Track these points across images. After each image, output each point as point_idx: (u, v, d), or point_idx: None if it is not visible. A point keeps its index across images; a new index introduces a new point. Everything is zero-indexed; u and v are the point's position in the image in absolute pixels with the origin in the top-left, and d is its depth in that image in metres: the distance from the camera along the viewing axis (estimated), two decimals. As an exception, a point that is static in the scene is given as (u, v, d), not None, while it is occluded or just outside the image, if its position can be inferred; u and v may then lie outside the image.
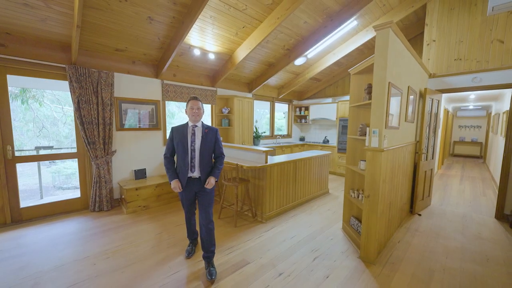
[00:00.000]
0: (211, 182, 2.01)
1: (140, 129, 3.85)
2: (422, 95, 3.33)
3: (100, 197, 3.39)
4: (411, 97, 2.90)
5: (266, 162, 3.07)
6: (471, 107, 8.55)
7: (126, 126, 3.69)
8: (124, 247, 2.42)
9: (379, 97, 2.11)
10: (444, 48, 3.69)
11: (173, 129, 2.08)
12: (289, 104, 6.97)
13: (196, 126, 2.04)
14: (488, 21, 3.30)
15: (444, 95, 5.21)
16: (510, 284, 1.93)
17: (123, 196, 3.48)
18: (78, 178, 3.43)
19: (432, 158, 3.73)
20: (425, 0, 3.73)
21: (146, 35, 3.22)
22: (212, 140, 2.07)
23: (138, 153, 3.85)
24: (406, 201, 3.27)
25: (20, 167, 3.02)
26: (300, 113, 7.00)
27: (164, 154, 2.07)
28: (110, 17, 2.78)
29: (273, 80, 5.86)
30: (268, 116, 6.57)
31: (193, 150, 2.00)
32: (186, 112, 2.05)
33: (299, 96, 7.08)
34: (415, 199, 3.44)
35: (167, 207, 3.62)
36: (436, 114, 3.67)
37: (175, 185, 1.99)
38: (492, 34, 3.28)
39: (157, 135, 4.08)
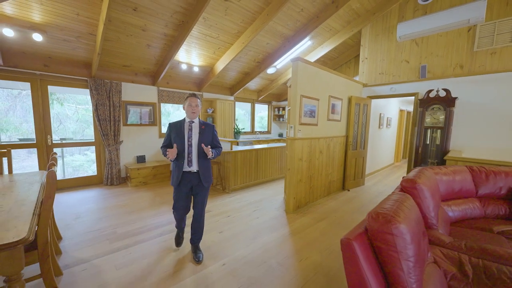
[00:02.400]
0: (208, 148, 2.01)
1: (141, 125, 5.04)
2: (350, 101, 4.46)
3: (111, 174, 4.59)
4: (334, 102, 4.04)
5: (231, 149, 4.24)
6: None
7: (129, 122, 4.88)
8: (130, 203, 3.61)
9: (294, 103, 3.25)
10: (373, 64, 4.81)
11: (170, 125, 2.11)
12: (268, 105, 8.11)
13: (193, 122, 2.09)
14: (399, 46, 4.41)
15: (403, 99, 6.35)
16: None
17: (128, 175, 4.67)
18: (80, 172, 4.62)
19: (363, 149, 4.87)
20: (360, 26, 4.85)
21: (145, 55, 4.39)
22: (209, 136, 2.12)
23: (139, 143, 5.04)
24: (337, 179, 4.42)
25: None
26: (279, 113, 8.15)
27: (161, 147, 2.13)
28: (120, 45, 3.95)
29: (253, 85, 7.00)
30: (260, 114, 7.74)
31: (190, 145, 2.04)
32: (183, 108, 2.10)
33: (278, 98, 8.22)
34: (346, 179, 4.58)
35: (161, 183, 4.81)
36: (366, 115, 4.80)
37: (172, 150, 1.97)
38: (402, 56, 4.39)
39: (154, 130, 5.26)
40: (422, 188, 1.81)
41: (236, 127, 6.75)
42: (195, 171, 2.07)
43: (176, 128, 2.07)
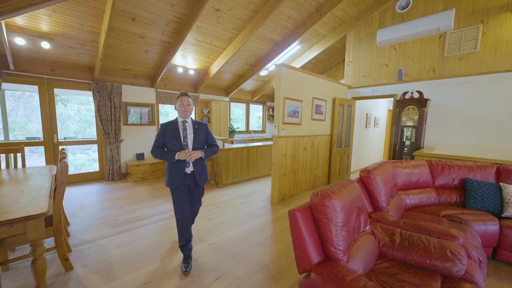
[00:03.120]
0: (195, 153, 1.95)
1: (140, 124, 5.38)
2: (335, 102, 4.78)
3: (112, 171, 4.93)
4: (318, 103, 4.37)
5: (223, 147, 4.58)
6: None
7: (129, 122, 5.22)
8: (130, 196, 3.96)
9: (278, 104, 3.58)
10: (357, 67, 5.14)
11: (163, 125, 2.04)
12: (263, 105, 8.45)
13: (186, 121, 2.05)
14: (380, 50, 4.74)
15: (392, 99, 6.66)
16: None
17: (128, 171, 5.02)
18: (82, 170, 4.97)
19: (348, 147, 5.19)
20: (345, 32, 5.17)
21: (144, 60, 4.72)
22: (203, 135, 2.10)
23: (138, 142, 5.38)
24: (322, 174, 4.75)
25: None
26: (273, 113, 8.48)
27: (152, 150, 1.99)
28: (120, 51, 4.29)
29: (247, 86, 7.33)
30: (258, 114, 8.09)
31: (185, 145, 2.00)
32: (175, 108, 2.04)
33: (272, 98, 8.54)
34: (331, 174, 4.91)
35: (159, 179, 5.15)
36: (350, 115, 5.12)
37: (184, 152, 1.92)
38: (382, 60, 4.72)
39: (152, 129, 5.61)
40: (375, 177, 2.14)
41: (231, 126, 7.08)
42: (191, 171, 2.04)
43: (170, 128, 2.01)
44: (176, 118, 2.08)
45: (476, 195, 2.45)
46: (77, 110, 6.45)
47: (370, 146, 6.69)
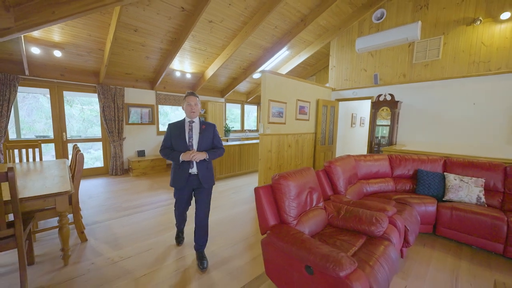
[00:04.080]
0: (199, 154, 1.94)
1: (141, 124, 5.84)
2: (318, 104, 5.24)
3: (115, 166, 5.40)
4: (302, 105, 4.82)
5: (217, 144, 5.04)
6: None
7: (131, 122, 5.68)
8: (132, 188, 4.42)
9: (263, 106, 4.04)
10: (339, 71, 5.60)
11: (170, 125, 2.04)
12: (257, 106, 8.91)
13: (193, 121, 2.03)
14: (359, 57, 5.20)
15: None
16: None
17: (130, 166, 5.48)
18: (85, 166, 5.43)
19: (331, 144, 5.66)
20: (329, 39, 5.63)
21: (144, 65, 5.19)
22: (210, 136, 2.06)
23: (140, 140, 5.85)
24: (306, 170, 5.20)
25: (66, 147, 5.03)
26: (267, 113, 8.92)
27: (160, 150, 2.04)
28: (123, 58, 4.75)
29: (242, 88, 7.80)
30: (255, 114, 8.58)
31: (191, 146, 1.98)
32: (183, 108, 2.02)
33: (266, 99, 9.00)
34: (315, 169, 5.37)
35: (158, 173, 5.62)
36: (334, 115, 5.58)
37: (188, 153, 1.92)
38: (361, 65, 5.18)
39: (152, 128, 6.07)
40: (336, 167, 2.61)
41: (226, 125, 7.54)
42: (196, 173, 2.01)
43: (177, 128, 2.01)
44: (184, 118, 2.07)
45: (424, 183, 2.91)
46: (80, 110, 6.93)
47: (355, 143, 7.15)
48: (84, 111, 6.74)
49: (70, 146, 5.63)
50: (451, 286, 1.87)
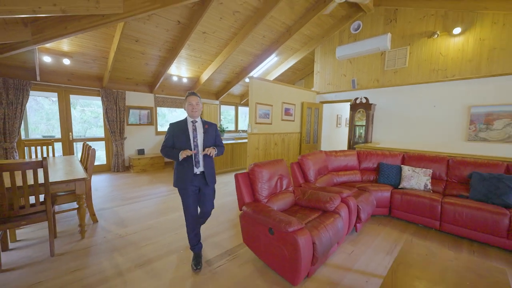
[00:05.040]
0: (211, 149, 1.98)
1: (141, 124, 6.31)
2: (303, 106, 5.75)
3: (117, 163, 5.86)
4: (288, 107, 5.33)
5: (210, 143, 5.53)
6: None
7: (131, 123, 6.15)
8: (133, 182, 4.89)
9: (251, 108, 4.54)
10: (323, 76, 6.12)
11: (172, 125, 2.04)
12: (250, 107, 9.41)
13: (196, 121, 2.05)
14: (339, 63, 5.72)
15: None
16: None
17: (131, 164, 5.95)
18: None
19: (316, 143, 6.17)
20: (313, 46, 6.15)
21: (144, 71, 5.67)
22: (213, 135, 2.11)
23: (140, 139, 6.32)
24: (293, 166, 5.70)
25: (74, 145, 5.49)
26: (259, 114, 9.43)
27: (161, 149, 2.02)
28: (125, 64, 5.23)
29: (235, 91, 8.30)
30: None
31: (196, 146, 1.99)
32: (184, 108, 2.03)
33: (258, 101, 9.51)
34: (301, 166, 5.87)
35: (157, 170, 6.09)
36: (318, 116, 6.09)
37: (186, 153, 1.89)
38: (341, 71, 5.71)
39: (151, 128, 6.55)
40: (307, 160, 3.11)
41: (220, 126, 8.03)
42: (201, 171, 2.03)
43: (179, 128, 2.01)
44: (186, 118, 2.08)
45: (384, 174, 3.43)
46: (81, 112, 7.38)
47: (340, 142, 7.67)
48: (85, 113, 7.19)
49: (75, 145, 6.10)
50: (390, 250, 2.38)
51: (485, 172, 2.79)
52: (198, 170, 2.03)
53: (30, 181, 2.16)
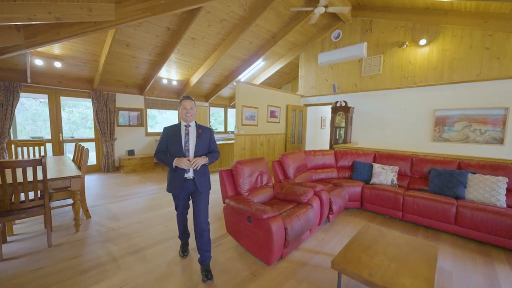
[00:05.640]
0: (199, 159, 1.91)
1: (130, 126, 6.46)
2: (288, 108, 6.08)
3: (108, 164, 5.98)
4: (273, 110, 5.64)
5: (199, 143, 5.76)
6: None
7: (121, 124, 6.29)
8: (123, 182, 5.05)
9: (238, 111, 4.82)
10: (307, 80, 6.48)
11: (166, 129, 2.01)
12: (240, 109, 9.68)
13: (190, 126, 2.00)
14: (322, 68, 6.10)
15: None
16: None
17: (121, 164, 6.08)
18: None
19: (301, 143, 6.51)
20: (298, 52, 6.51)
21: (134, 73, 5.84)
22: (206, 140, 2.04)
23: (130, 140, 6.46)
24: (278, 165, 6.01)
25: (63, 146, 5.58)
26: (248, 116, 9.72)
27: (155, 154, 2.00)
28: (116, 67, 5.39)
29: (224, 93, 8.55)
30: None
31: (187, 150, 1.94)
32: (179, 112, 1.97)
33: (247, 103, 9.80)
34: (286, 165, 6.19)
35: (147, 170, 6.25)
36: (302, 118, 6.44)
37: (180, 160, 1.88)
38: (323, 76, 6.08)
39: (141, 129, 6.70)
40: (287, 159, 3.42)
41: (209, 127, 8.25)
42: (192, 177, 1.97)
43: (172, 132, 1.98)
44: (180, 122, 2.04)
45: (358, 171, 3.78)
46: (69, 113, 7.41)
47: (324, 143, 8.04)
48: (73, 114, 7.23)
49: (65, 146, 6.17)
50: (356, 237, 2.71)
51: (441, 168, 3.19)
52: (188, 176, 1.97)
53: (29, 178, 2.34)
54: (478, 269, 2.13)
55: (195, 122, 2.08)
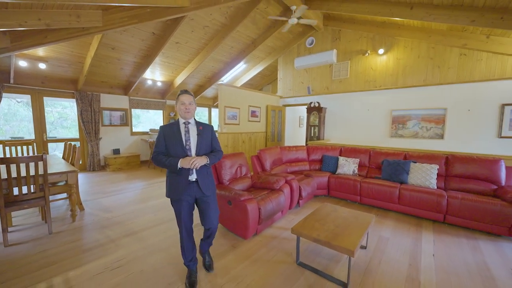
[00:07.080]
0: (198, 159, 1.73)
1: (116, 125, 6.61)
2: (267, 109, 6.56)
3: (93, 163, 6.12)
4: (254, 110, 6.10)
5: (184, 142, 6.08)
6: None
7: (106, 124, 6.43)
8: (111, 179, 5.26)
9: (220, 111, 5.21)
10: (285, 82, 7.01)
11: (162, 128, 1.85)
12: (223, 109, 10.03)
13: (189, 122, 1.85)
14: (298, 72, 6.65)
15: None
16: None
17: (106, 163, 6.24)
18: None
19: (280, 141, 7.03)
20: (277, 56, 7.01)
21: (119, 74, 6.02)
22: (208, 138, 1.91)
23: (115, 139, 6.61)
24: (259, 161, 6.49)
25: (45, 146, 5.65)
26: (232, 115, 10.11)
27: (153, 157, 1.82)
28: (101, 69, 5.56)
29: (208, 94, 8.87)
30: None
31: (188, 150, 1.79)
32: (176, 108, 1.84)
33: (231, 103, 10.18)
34: (266, 161, 6.68)
35: (133, 169, 6.45)
36: (281, 118, 6.96)
37: (187, 160, 1.70)
38: (299, 78, 6.64)
39: (126, 129, 6.87)
40: (264, 153, 3.89)
41: (194, 127, 8.54)
42: (195, 179, 1.81)
43: (170, 131, 1.81)
44: (178, 119, 1.87)
45: (326, 163, 4.34)
46: (48, 113, 7.34)
47: (302, 140, 8.63)
48: (52, 114, 7.18)
49: (49, 145, 6.21)
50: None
51: (391, 159, 3.82)
52: (192, 178, 1.79)
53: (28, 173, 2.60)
54: (409, 236, 2.73)
55: (195, 119, 1.92)
